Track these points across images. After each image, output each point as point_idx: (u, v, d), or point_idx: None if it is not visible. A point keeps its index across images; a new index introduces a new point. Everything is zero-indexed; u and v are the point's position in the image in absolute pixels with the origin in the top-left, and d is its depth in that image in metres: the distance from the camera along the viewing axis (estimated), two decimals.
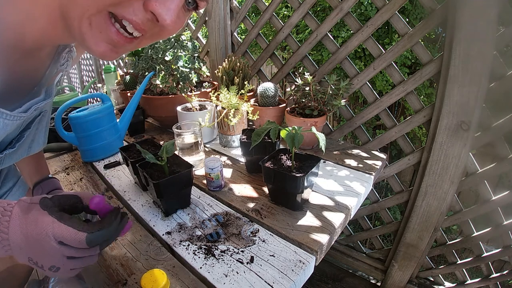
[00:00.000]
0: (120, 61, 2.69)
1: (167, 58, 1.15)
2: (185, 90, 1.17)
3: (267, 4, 1.28)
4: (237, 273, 0.55)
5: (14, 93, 0.41)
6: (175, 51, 1.16)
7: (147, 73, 1.21)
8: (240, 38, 1.48)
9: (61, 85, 0.50)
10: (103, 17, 0.33)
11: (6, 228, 0.36)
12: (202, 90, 1.26)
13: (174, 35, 1.21)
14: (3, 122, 0.39)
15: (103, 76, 1.94)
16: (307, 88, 1.01)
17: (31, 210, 0.37)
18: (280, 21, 1.27)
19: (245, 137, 0.90)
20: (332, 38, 1.14)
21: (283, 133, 0.70)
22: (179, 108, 1.09)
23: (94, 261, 0.42)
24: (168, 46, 1.17)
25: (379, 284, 1.40)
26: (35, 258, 0.37)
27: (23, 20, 0.35)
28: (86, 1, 0.31)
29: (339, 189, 0.81)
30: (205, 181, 0.86)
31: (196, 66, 1.21)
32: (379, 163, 0.95)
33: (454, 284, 1.23)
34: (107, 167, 0.99)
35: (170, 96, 1.17)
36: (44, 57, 0.44)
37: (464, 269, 1.17)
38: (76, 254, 0.38)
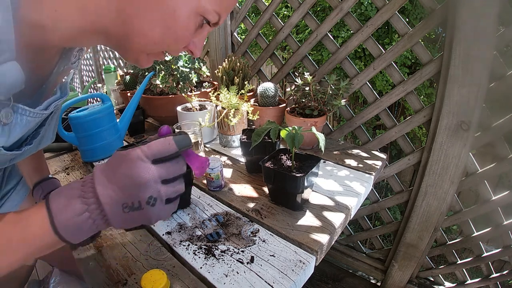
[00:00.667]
0: (120, 61, 2.69)
1: (167, 58, 1.15)
2: (185, 90, 1.17)
3: (267, 4, 1.28)
4: (237, 273, 0.55)
5: (26, 90, 0.41)
6: None
7: (147, 73, 1.21)
8: (240, 38, 1.48)
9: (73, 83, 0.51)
10: (160, 53, 0.44)
11: (91, 193, 0.35)
12: (202, 90, 1.26)
13: None
14: (26, 119, 0.40)
15: (103, 76, 1.94)
16: (307, 88, 1.01)
17: (119, 160, 0.38)
18: (280, 21, 1.27)
19: (245, 137, 0.90)
20: (332, 38, 1.14)
21: (283, 133, 0.70)
22: (179, 108, 1.09)
23: (182, 190, 0.41)
24: None
25: (379, 284, 1.40)
26: (130, 200, 0.36)
27: (59, 26, 0.36)
28: (150, 47, 0.41)
29: (339, 189, 0.81)
30: (205, 181, 0.86)
31: (196, 66, 1.21)
32: (379, 163, 0.95)
33: (454, 284, 1.23)
34: None
35: (170, 96, 1.17)
36: (53, 54, 0.45)
37: (464, 269, 1.17)
38: (168, 172, 0.38)
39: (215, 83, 1.37)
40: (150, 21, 0.37)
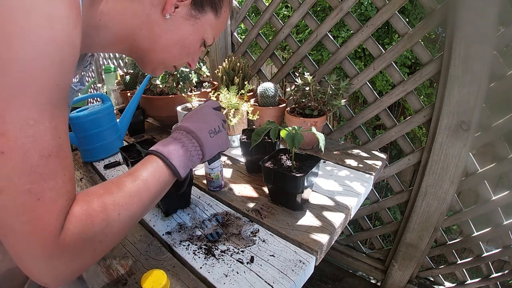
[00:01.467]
0: (120, 61, 2.69)
1: None
2: (185, 90, 1.17)
3: (267, 4, 1.28)
4: (237, 273, 0.55)
5: None
6: None
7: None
8: (240, 38, 1.48)
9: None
10: (171, 65, 0.56)
11: (182, 131, 0.53)
12: (202, 90, 1.26)
13: None
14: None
15: (103, 76, 1.94)
16: (307, 88, 1.01)
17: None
18: (280, 21, 1.27)
19: (245, 137, 0.90)
20: (332, 38, 1.14)
21: (283, 133, 0.70)
22: (179, 108, 1.09)
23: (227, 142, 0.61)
24: None
25: (379, 284, 1.40)
26: (213, 126, 0.56)
27: (101, 34, 0.44)
28: (169, 60, 0.53)
29: (339, 189, 0.81)
30: (205, 181, 0.86)
31: (196, 66, 1.21)
32: (379, 163, 0.95)
33: (454, 284, 1.23)
34: (107, 167, 0.99)
35: (170, 96, 1.17)
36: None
37: (464, 269, 1.17)
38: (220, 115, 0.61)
39: (215, 83, 1.37)
40: (172, 41, 0.49)
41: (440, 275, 1.25)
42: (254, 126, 1.22)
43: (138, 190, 0.41)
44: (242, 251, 0.60)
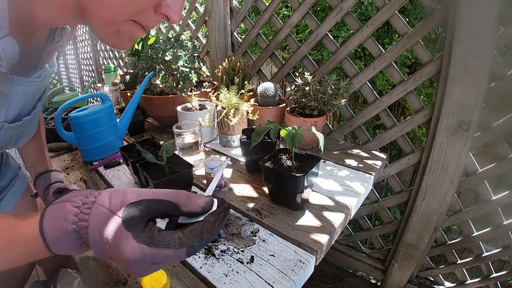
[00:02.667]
0: (120, 61, 2.69)
1: (167, 58, 1.15)
2: (185, 90, 1.17)
3: (267, 4, 1.28)
4: (237, 273, 0.55)
5: (21, 65, 0.46)
6: (175, 51, 1.16)
7: (147, 73, 1.21)
8: (240, 38, 1.48)
9: (59, 60, 0.58)
10: (130, 25, 0.39)
11: (87, 215, 0.32)
12: (202, 90, 1.26)
13: (174, 34, 1.24)
14: (21, 88, 0.45)
15: (103, 76, 1.94)
16: (307, 88, 1.01)
17: (109, 222, 0.32)
18: (280, 21, 1.27)
19: (245, 137, 0.90)
20: (332, 38, 1.14)
21: (283, 133, 0.70)
22: (179, 108, 1.09)
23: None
24: (168, 46, 1.17)
25: (379, 284, 1.40)
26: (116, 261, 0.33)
27: (40, 1, 0.38)
28: (111, 14, 0.37)
29: (339, 189, 0.81)
30: (205, 181, 0.86)
31: (196, 66, 1.21)
32: (379, 163, 0.95)
33: (454, 284, 1.23)
34: (107, 167, 0.99)
35: (170, 96, 1.17)
36: (44, 35, 0.48)
37: (464, 269, 1.17)
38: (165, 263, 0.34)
39: (215, 83, 1.37)
40: None
41: (440, 275, 1.25)
42: (254, 126, 1.22)
43: None
44: (242, 251, 0.60)
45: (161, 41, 1.22)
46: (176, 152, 0.90)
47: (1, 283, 0.63)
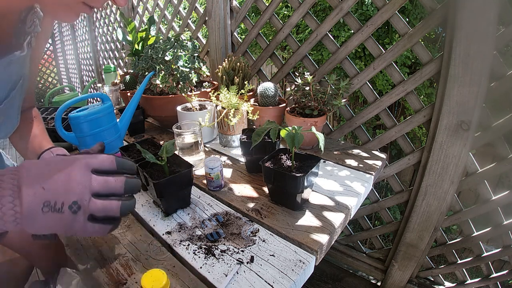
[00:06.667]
0: (120, 61, 2.69)
1: (167, 58, 1.15)
2: (185, 90, 1.17)
3: (267, 4, 1.28)
4: (237, 272, 0.55)
5: None
6: (175, 51, 1.16)
7: (147, 73, 1.21)
8: (240, 38, 1.48)
9: (32, 45, 0.57)
10: (80, 5, 0.41)
11: (10, 184, 0.32)
12: (202, 90, 1.26)
13: (174, 34, 1.24)
14: None
15: (103, 76, 1.94)
16: (307, 88, 1.01)
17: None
18: (280, 21, 1.26)
19: (245, 137, 0.90)
20: (332, 38, 1.14)
21: (283, 133, 0.70)
22: (179, 108, 1.09)
23: (113, 213, 0.36)
24: (168, 46, 1.17)
25: (379, 284, 1.40)
26: (53, 198, 0.33)
27: None
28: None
29: (339, 189, 0.81)
30: (205, 181, 0.86)
31: (196, 66, 1.21)
32: (379, 163, 0.95)
33: (454, 284, 1.23)
34: None
35: (170, 96, 1.17)
36: (13, 21, 0.49)
37: (464, 269, 1.17)
38: (103, 185, 0.35)
39: (215, 83, 1.37)
40: None
41: (440, 275, 1.25)
42: (254, 126, 1.22)
43: None
44: (242, 251, 0.60)
45: (161, 41, 1.22)
46: (176, 152, 0.90)
47: (1, 281, 0.63)
